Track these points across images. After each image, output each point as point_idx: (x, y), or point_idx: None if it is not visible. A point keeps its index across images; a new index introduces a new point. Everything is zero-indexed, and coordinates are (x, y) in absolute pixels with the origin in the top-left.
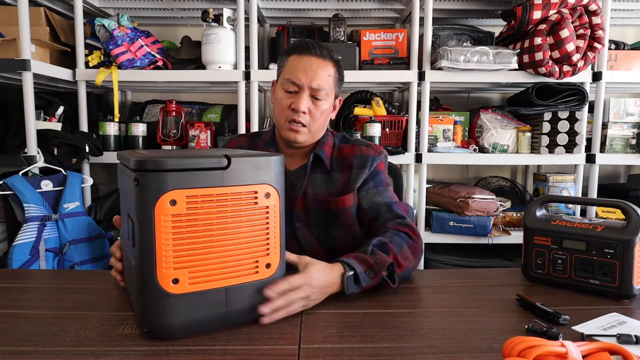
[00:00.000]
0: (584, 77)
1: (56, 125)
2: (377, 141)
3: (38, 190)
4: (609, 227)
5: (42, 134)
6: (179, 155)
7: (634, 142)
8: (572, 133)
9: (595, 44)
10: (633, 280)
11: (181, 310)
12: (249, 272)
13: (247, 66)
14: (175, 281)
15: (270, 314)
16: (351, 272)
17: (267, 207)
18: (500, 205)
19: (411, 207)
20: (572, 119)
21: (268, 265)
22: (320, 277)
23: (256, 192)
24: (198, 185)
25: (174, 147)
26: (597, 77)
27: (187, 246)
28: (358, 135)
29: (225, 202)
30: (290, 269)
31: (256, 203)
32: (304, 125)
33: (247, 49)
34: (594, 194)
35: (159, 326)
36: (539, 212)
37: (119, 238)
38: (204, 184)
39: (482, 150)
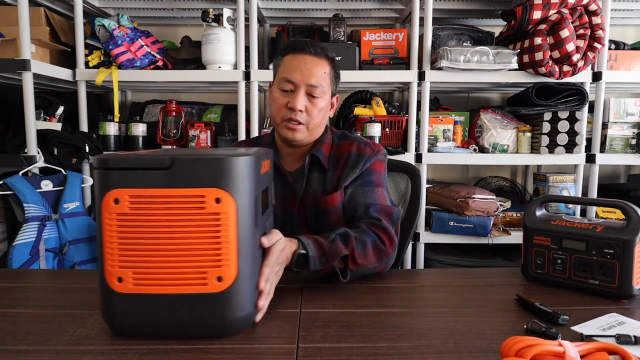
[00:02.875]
0: (584, 77)
1: (56, 125)
2: (377, 141)
3: (38, 190)
4: (608, 227)
5: (42, 134)
6: (130, 154)
7: (634, 142)
8: (572, 133)
9: (595, 44)
10: (633, 280)
11: (126, 310)
12: (197, 282)
13: (247, 66)
14: (120, 280)
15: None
16: (303, 252)
17: (218, 213)
18: (500, 205)
19: (398, 210)
20: (572, 119)
21: (220, 279)
22: (284, 253)
23: (203, 197)
24: (142, 185)
25: (174, 147)
26: (597, 77)
27: (132, 246)
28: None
29: (170, 205)
30: None
31: (204, 208)
32: (301, 124)
33: (247, 49)
34: (594, 194)
35: (109, 322)
36: (539, 212)
37: None
38: (147, 184)
39: (482, 150)
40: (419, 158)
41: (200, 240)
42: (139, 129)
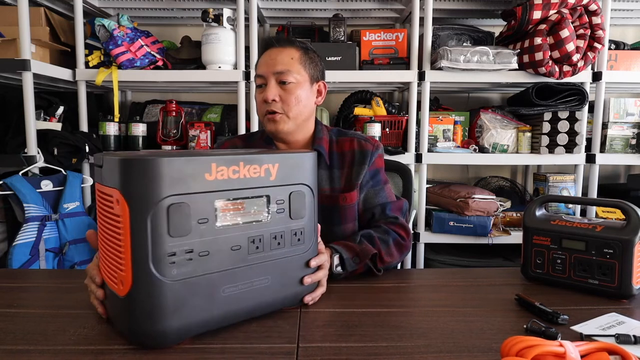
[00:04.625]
0: (584, 77)
1: (56, 125)
2: None
3: (38, 190)
4: (608, 227)
5: (42, 134)
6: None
7: (634, 142)
8: (572, 133)
9: (595, 44)
10: (632, 280)
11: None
12: (113, 280)
13: (247, 66)
14: None
15: (313, 292)
16: (337, 255)
17: (119, 215)
18: (500, 205)
19: (406, 202)
20: (572, 119)
21: (122, 283)
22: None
23: (112, 197)
24: (97, 180)
25: (174, 147)
26: (597, 77)
27: (100, 232)
28: None
29: (100, 200)
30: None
31: (112, 208)
32: (279, 113)
33: (247, 49)
34: (594, 194)
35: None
36: (539, 212)
37: (96, 256)
38: (97, 180)
39: (482, 150)
40: (419, 158)
41: (112, 238)
42: (139, 129)
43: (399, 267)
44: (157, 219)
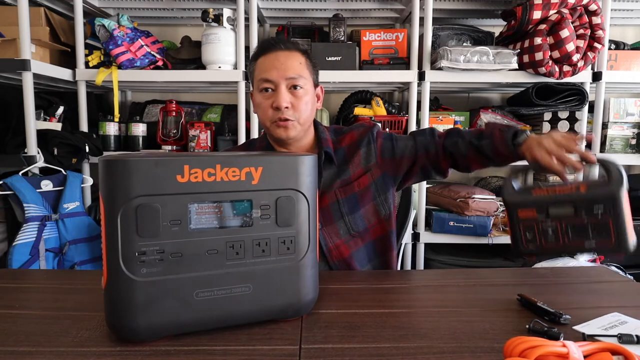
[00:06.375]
0: (584, 77)
1: (56, 125)
2: None
3: (38, 190)
4: (591, 185)
5: (42, 134)
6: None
7: (634, 142)
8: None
9: (595, 44)
10: (627, 233)
11: None
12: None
13: (247, 66)
14: None
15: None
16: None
17: (102, 213)
18: (500, 205)
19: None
20: (572, 119)
21: (103, 277)
22: None
23: None
24: None
25: (174, 147)
26: (597, 77)
27: None
28: None
29: None
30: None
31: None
32: (291, 120)
33: (247, 49)
34: None
35: None
36: (517, 185)
37: None
38: None
39: None
40: None
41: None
42: (139, 129)
43: (399, 267)
44: (127, 218)
